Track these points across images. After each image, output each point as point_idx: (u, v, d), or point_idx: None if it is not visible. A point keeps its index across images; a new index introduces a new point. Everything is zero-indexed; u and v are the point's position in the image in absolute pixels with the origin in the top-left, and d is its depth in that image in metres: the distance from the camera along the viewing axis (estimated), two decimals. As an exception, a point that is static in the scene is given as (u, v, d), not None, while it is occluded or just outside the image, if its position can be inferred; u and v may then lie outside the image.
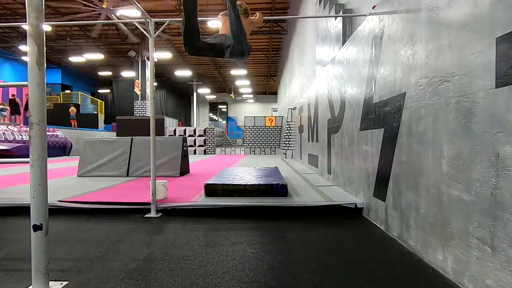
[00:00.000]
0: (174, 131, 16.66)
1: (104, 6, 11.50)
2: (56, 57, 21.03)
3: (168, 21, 3.82)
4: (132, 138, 6.61)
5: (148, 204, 3.54)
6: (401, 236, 2.53)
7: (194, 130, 16.84)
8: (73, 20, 13.13)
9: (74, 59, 19.94)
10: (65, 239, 2.70)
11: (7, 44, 17.56)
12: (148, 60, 17.47)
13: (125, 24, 14.18)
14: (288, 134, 12.24)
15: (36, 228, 1.68)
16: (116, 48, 19.95)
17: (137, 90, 17.99)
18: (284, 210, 3.58)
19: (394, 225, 2.66)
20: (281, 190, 3.95)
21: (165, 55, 18.36)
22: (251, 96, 33.42)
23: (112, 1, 11.27)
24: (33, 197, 1.68)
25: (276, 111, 29.91)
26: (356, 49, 3.74)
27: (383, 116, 2.89)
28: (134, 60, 18.16)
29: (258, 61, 23.54)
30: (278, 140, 15.84)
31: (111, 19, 11.95)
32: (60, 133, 14.43)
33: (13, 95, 15.27)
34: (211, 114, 36.59)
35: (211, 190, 3.97)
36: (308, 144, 7.80)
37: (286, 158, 12.15)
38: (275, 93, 31.14)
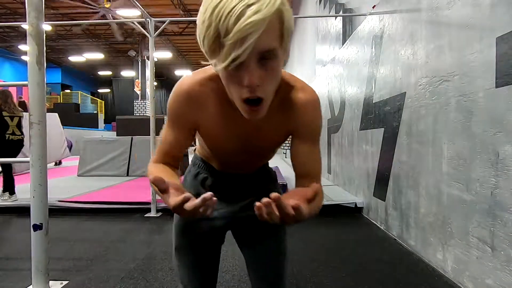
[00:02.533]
0: (174, 130, 16.61)
1: (107, 6, 11.47)
2: (56, 57, 21.02)
3: (168, 21, 3.82)
4: (132, 138, 6.61)
5: (148, 203, 3.54)
6: (401, 236, 2.53)
7: (194, 130, 16.81)
8: (73, 19, 13.13)
9: (74, 58, 19.92)
10: (65, 239, 2.70)
11: (7, 43, 17.54)
12: (148, 60, 17.47)
13: (118, 24, 14.13)
14: (288, 133, 12.21)
15: (36, 227, 1.68)
16: (116, 47, 19.93)
17: (137, 90, 17.99)
18: (284, 209, 3.58)
19: (394, 225, 2.66)
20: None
21: (165, 54, 18.36)
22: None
23: (115, 1, 11.24)
24: (33, 197, 1.68)
25: (276, 110, 29.88)
26: (356, 49, 3.74)
27: (383, 115, 2.89)
28: (134, 59, 18.15)
29: (258, 61, 23.50)
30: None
31: (111, 19, 11.94)
32: (60, 132, 14.41)
33: (20, 97, 15.24)
34: (211, 114, 36.57)
35: (211, 189, 3.96)
36: (308, 143, 7.79)
37: (286, 157, 12.15)
38: (275, 93, 31.10)
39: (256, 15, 0.52)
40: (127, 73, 21.68)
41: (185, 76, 0.76)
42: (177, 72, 23.22)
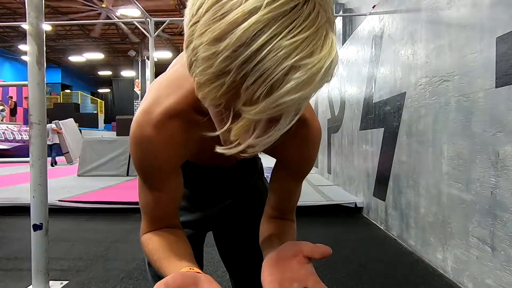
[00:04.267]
0: (174, 130, 16.59)
1: (103, 5, 11.48)
2: (56, 57, 21.02)
3: (168, 21, 3.82)
4: (132, 138, 6.60)
5: (148, 203, 3.53)
6: (401, 236, 2.53)
7: (194, 130, 16.79)
8: (73, 19, 13.13)
9: (74, 58, 19.93)
10: (65, 239, 2.70)
11: (7, 43, 17.54)
12: (148, 60, 17.47)
13: (125, 23, 14.15)
14: (288, 133, 12.22)
15: (36, 227, 1.68)
16: (116, 47, 19.94)
17: (137, 90, 17.98)
18: (284, 209, 3.58)
19: (394, 225, 2.66)
20: (281, 189, 3.94)
21: (165, 54, 18.36)
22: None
23: (111, 0, 11.25)
24: (33, 197, 1.68)
25: (276, 110, 29.91)
26: (356, 49, 3.74)
27: (383, 115, 2.89)
28: (134, 59, 18.15)
29: (258, 61, 23.51)
30: (278, 139, 15.85)
31: (111, 19, 11.94)
32: (60, 132, 14.43)
33: (10, 96, 15.22)
34: (211, 114, 36.55)
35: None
36: (308, 143, 7.79)
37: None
38: (275, 93, 31.13)
39: (300, 93, 0.34)
40: (127, 73, 21.68)
41: (145, 109, 0.52)
42: (177, 72, 23.18)
